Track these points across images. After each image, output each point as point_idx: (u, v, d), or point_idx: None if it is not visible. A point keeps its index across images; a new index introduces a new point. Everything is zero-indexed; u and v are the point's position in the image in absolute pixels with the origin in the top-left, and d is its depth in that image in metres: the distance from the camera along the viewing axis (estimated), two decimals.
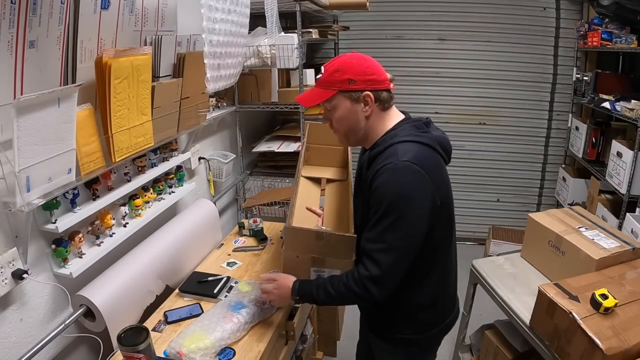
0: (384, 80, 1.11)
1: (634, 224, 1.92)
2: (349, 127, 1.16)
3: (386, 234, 1.04)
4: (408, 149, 1.06)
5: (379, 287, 1.07)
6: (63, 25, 1.11)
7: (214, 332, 1.27)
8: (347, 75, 1.09)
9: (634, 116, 2.17)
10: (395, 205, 1.02)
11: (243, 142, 2.58)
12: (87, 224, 1.35)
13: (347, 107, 1.12)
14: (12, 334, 1.17)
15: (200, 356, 1.20)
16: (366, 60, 1.11)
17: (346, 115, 1.13)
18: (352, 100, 1.11)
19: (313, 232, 1.19)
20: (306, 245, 1.21)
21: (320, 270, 1.23)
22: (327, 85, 1.12)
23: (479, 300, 1.93)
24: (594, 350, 1.15)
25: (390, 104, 1.16)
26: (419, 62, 3.33)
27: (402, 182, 1.03)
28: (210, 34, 1.48)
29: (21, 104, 0.93)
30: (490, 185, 3.50)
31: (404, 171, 1.03)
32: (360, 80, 1.09)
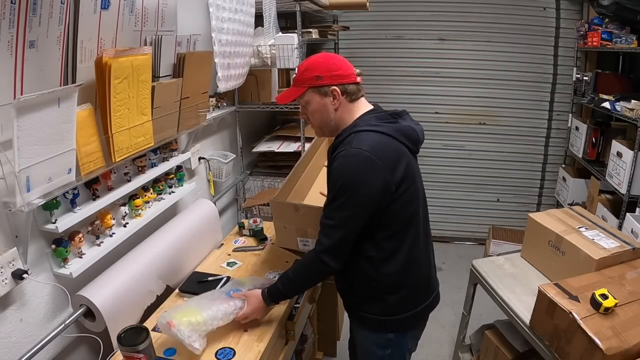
0: (349, 75, 1.22)
1: (634, 224, 1.92)
2: (321, 119, 1.26)
3: (336, 212, 1.17)
4: (364, 137, 1.16)
5: (332, 257, 1.19)
6: (63, 25, 1.11)
7: (207, 310, 1.27)
8: (315, 72, 1.20)
9: (634, 116, 2.17)
10: (344, 188, 1.14)
11: (243, 142, 2.58)
12: (87, 224, 1.35)
13: (317, 101, 1.23)
14: (12, 334, 1.17)
15: (190, 331, 1.20)
16: (332, 58, 1.23)
17: (317, 108, 1.24)
18: (321, 94, 1.21)
19: (291, 205, 1.45)
20: (289, 217, 1.44)
21: (305, 239, 1.48)
22: (299, 83, 1.24)
23: (479, 300, 1.93)
24: (594, 350, 1.15)
25: (358, 95, 1.25)
26: (419, 62, 3.33)
27: (351, 168, 1.13)
28: (220, 33, 1.49)
29: (21, 104, 0.93)
30: (490, 185, 3.50)
31: (355, 157, 1.13)
32: (327, 76, 1.20)
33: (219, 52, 1.49)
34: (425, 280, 1.33)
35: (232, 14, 1.58)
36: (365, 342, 1.37)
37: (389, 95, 3.37)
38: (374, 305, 1.29)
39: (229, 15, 1.55)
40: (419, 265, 1.29)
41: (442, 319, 2.56)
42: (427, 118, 3.40)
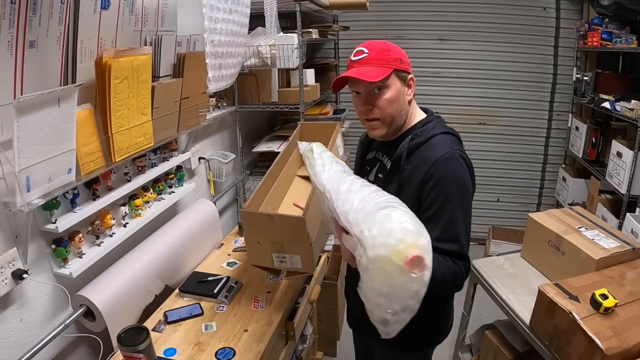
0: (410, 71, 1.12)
1: (634, 224, 1.92)
2: (397, 110, 1.08)
3: (462, 226, 1.05)
4: (452, 140, 1.09)
5: (468, 268, 1.09)
6: (63, 25, 1.11)
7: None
8: (397, 54, 1.06)
9: (634, 116, 2.17)
10: (460, 196, 1.04)
11: (243, 142, 2.58)
12: (87, 224, 1.35)
13: (398, 88, 1.07)
14: (12, 334, 1.17)
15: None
16: (397, 47, 1.11)
17: (397, 96, 1.07)
18: (402, 80, 1.07)
19: (264, 215, 1.19)
20: (262, 230, 1.21)
21: (281, 256, 1.23)
22: (383, 62, 1.04)
23: (479, 300, 1.93)
24: (594, 350, 1.15)
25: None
26: (419, 62, 3.33)
27: (461, 172, 1.05)
28: (212, 34, 1.48)
29: (21, 104, 0.93)
30: (490, 185, 3.50)
31: (459, 161, 1.05)
32: (407, 62, 1.08)
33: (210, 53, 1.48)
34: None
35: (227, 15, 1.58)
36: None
37: None
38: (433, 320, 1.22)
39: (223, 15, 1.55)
40: None
41: None
42: None
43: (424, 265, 0.73)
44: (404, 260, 0.71)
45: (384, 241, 0.73)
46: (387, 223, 0.76)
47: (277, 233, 1.19)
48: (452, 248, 1.03)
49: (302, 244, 1.19)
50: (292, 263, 1.25)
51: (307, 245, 1.18)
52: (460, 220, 1.04)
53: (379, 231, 0.75)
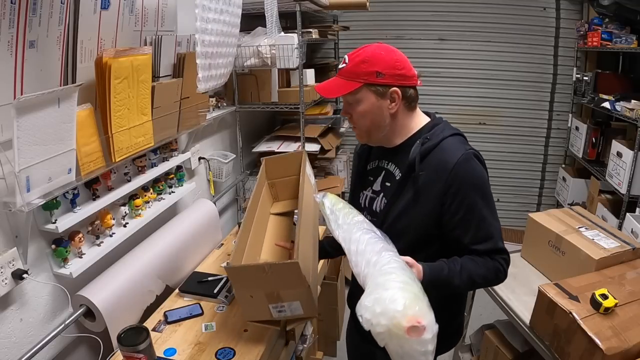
0: (412, 76, 1.05)
1: (634, 224, 1.92)
2: (372, 124, 1.08)
3: (494, 224, 1.08)
4: (463, 140, 1.09)
5: (508, 259, 1.12)
6: (63, 25, 1.11)
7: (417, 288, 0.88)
8: (375, 67, 1.01)
9: (634, 116, 2.17)
10: (485, 194, 1.06)
11: (243, 142, 2.58)
12: (87, 224, 1.35)
13: (371, 102, 1.04)
14: (12, 334, 1.17)
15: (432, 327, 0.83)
16: (395, 53, 1.05)
17: (370, 110, 1.05)
18: (378, 95, 1.03)
19: (254, 267, 1.12)
20: (254, 282, 1.12)
21: (279, 305, 1.15)
22: (352, 76, 1.03)
23: (479, 300, 1.93)
24: (594, 350, 1.15)
25: (415, 103, 1.10)
26: (419, 62, 3.32)
27: (481, 172, 1.06)
28: (203, 34, 1.48)
29: (21, 104, 0.93)
30: (491, 185, 3.49)
31: (476, 161, 1.05)
32: (389, 75, 1.02)
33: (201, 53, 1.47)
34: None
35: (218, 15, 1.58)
36: None
37: None
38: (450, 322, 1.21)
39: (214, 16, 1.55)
40: None
41: None
42: None
43: (422, 329, 0.79)
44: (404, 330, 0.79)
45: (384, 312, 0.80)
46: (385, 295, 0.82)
47: (271, 283, 1.10)
48: (488, 247, 1.06)
49: (299, 289, 1.11)
50: (292, 310, 1.16)
51: (305, 288, 1.10)
52: (489, 218, 1.06)
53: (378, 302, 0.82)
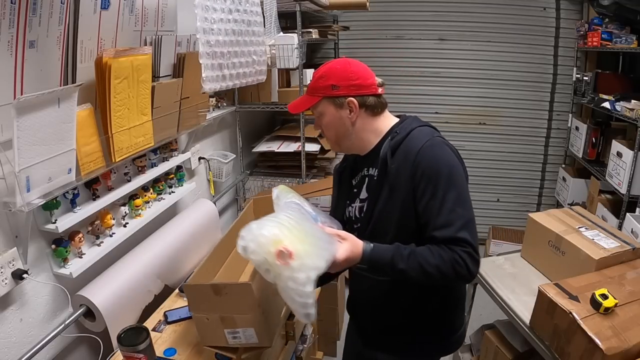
0: (369, 85, 1.09)
1: (634, 224, 1.92)
2: (337, 133, 1.13)
3: (457, 210, 1.00)
4: (432, 130, 1.10)
5: (475, 264, 1.00)
6: (63, 25, 1.11)
7: (324, 251, 0.92)
8: (330, 81, 1.07)
9: (634, 116, 2.17)
10: (451, 178, 1.01)
11: (243, 142, 2.58)
12: (87, 224, 1.35)
13: (332, 113, 1.10)
14: (12, 334, 1.17)
15: (312, 279, 0.85)
16: (351, 65, 1.09)
17: (332, 121, 1.11)
18: (337, 106, 1.08)
19: (208, 287, 1.11)
20: (209, 305, 1.12)
21: (234, 331, 1.15)
22: (313, 91, 1.11)
23: (479, 300, 1.93)
24: (594, 350, 1.15)
25: (381, 109, 1.13)
26: (419, 62, 3.33)
27: (448, 156, 1.04)
28: (207, 35, 1.48)
29: (21, 104, 0.93)
30: (490, 185, 3.50)
31: (442, 146, 1.05)
32: (344, 86, 1.07)
33: (205, 54, 1.47)
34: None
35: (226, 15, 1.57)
36: None
37: (389, 96, 3.31)
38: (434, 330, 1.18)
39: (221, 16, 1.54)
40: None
41: None
42: (427, 118, 3.31)
43: (288, 254, 0.83)
44: (273, 255, 0.83)
45: (254, 238, 0.86)
46: (255, 225, 0.89)
47: (225, 305, 1.10)
48: (446, 234, 0.99)
49: (251, 314, 1.11)
50: (247, 337, 1.16)
51: (258, 314, 1.10)
52: (451, 204, 1.00)
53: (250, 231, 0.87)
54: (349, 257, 0.98)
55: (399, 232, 1.07)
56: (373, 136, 1.13)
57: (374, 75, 1.11)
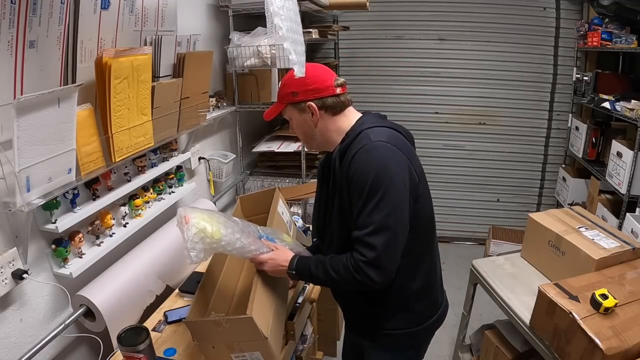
0: (326, 88, 1.14)
1: (634, 224, 1.92)
2: (304, 134, 1.22)
3: (374, 215, 1.03)
4: (378, 132, 1.10)
5: (378, 271, 1.03)
6: (63, 25, 1.11)
7: (230, 233, 1.13)
8: (290, 88, 1.16)
9: (634, 116, 2.17)
10: (376, 183, 1.02)
11: (243, 142, 2.58)
12: (87, 224, 1.35)
13: (297, 118, 1.19)
14: (12, 334, 1.17)
15: (198, 237, 1.08)
16: (308, 71, 1.16)
17: (298, 124, 1.20)
18: (299, 110, 1.17)
19: (210, 322, 1.15)
20: (213, 336, 1.16)
21: (241, 355, 1.18)
22: (279, 99, 1.21)
23: (479, 300, 1.93)
24: (594, 350, 1.15)
25: (341, 108, 1.17)
26: (419, 62, 3.33)
27: (379, 160, 1.04)
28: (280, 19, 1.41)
29: (21, 104, 0.93)
30: (490, 185, 3.50)
31: (378, 149, 1.05)
32: (302, 92, 1.15)
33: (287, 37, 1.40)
34: (441, 284, 1.31)
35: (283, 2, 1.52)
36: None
37: (389, 95, 3.37)
38: (399, 318, 1.20)
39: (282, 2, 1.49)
40: (438, 267, 1.28)
41: None
42: (427, 118, 3.39)
43: (186, 220, 1.10)
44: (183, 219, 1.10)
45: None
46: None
47: (229, 335, 1.14)
48: (358, 234, 1.05)
49: (257, 340, 1.14)
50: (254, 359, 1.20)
51: (262, 341, 1.13)
52: (371, 209, 1.03)
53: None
54: (274, 258, 1.19)
55: (340, 232, 1.16)
56: (336, 135, 1.18)
57: (332, 77, 1.16)
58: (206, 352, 1.22)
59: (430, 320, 1.23)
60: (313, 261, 1.17)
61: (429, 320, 1.23)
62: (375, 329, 1.23)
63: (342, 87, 1.17)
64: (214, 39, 2.22)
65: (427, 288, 1.22)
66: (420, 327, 1.22)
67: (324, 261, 1.13)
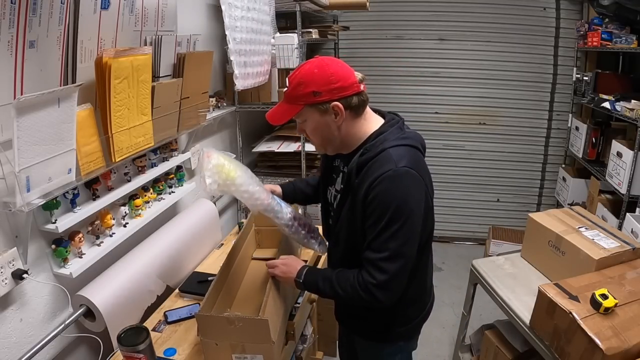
0: (351, 85, 1.04)
1: (634, 224, 1.92)
2: (323, 138, 1.12)
3: (391, 242, 1.03)
4: (402, 153, 1.04)
5: (386, 293, 1.06)
6: (63, 25, 1.11)
7: (246, 181, 1.18)
8: (310, 87, 1.02)
9: (634, 116, 2.17)
10: (398, 213, 1.01)
11: (243, 142, 2.58)
12: (87, 224, 1.35)
13: (316, 120, 1.07)
14: (12, 334, 1.17)
15: (218, 171, 1.13)
16: (329, 67, 1.03)
17: (318, 127, 1.08)
18: (321, 112, 1.05)
19: (224, 319, 1.15)
20: (221, 333, 1.16)
21: (242, 356, 1.19)
22: (293, 100, 1.06)
23: (479, 300, 1.93)
24: (594, 350, 1.15)
25: (363, 108, 1.09)
26: (419, 62, 3.33)
27: (403, 190, 1.02)
28: (234, 32, 1.46)
29: (21, 104, 0.93)
30: (490, 185, 3.50)
31: (404, 178, 1.02)
32: (326, 91, 1.02)
33: (234, 50, 1.44)
34: (431, 284, 1.33)
35: (245, 12, 1.56)
36: (374, 356, 1.33)
37: (389, 95, 3.37)
38: (389, 322, 1.23)
39: (242, 13, 1.53)
40: (429, 273, 1.29)
41: (442, 319, 2.56)
42: (427, 118, 3.40)
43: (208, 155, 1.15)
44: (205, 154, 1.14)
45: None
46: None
47: (238, 335, 1.15)
48: (371, 256, 1.05)
49: (264, 344, 1.16)
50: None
51: (269, 345, 1.15)
52: (389, 236, 1.03)
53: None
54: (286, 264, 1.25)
55: (348, 239, 1.15)
56: (355, 140, 1.12)
57: (353, 72, 1.06)
58: (207, 349, 1.21)
59: (417, 319, 1.28)
60: (321, 276, 1.17)
61: (417, 319, 1.28)
62: (365, 327, 1.28)
63: (362, 83, 1.07)
64: (214, 39, 2.22)
65: (419, 294, 1.25)
66: (408, 326, 1.26)
67: (331, 277, 1.14)
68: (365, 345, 1.33)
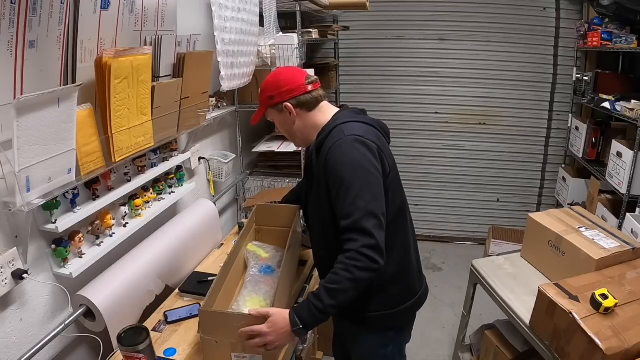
0: (298, 87, 1.23)
1: (634, 224, 1.92)
2: (287, 132, 1.33)
3: (358, 201, 1.07)
4: (352, 126, 1.17)
5: (377, 251, 1.06)
6: (63, 25, 1.11)
7: (264, 294, 1.35)
8: (267, 93, 1.27)
9: (634, 116, 2.17)
10: (354, 173, 1.09)
11: (243, 142, 2.58)
12: (87, 224, 1.35)
13: (278, 118, 1.30)
14: (12, 334, 1.17)
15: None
16: (280, 74, 1.27)
17: (281, 124, 1.32)
18: (279, 111, 1.27)
19: (227, 315, 1.16)
20: (223, 330, 1.14)
21: (241, 355, 1.17)
22: (261, 103, 1.32)
23: (479, 300, 1.93)
24: (594, 350, 1.15)
25: (316, 103, 1.26)
26: (419, 62, 3.33)
27: (354, 153, 1.11)
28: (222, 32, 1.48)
29: (21, 104, 0.93)
30: (490, 185, 3.50)
31: (352, 143, 1.12)
32: (277, 94, 1.25)
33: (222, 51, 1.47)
34: (418, 268, 1.37)
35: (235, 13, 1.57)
36: (364, 346, 1.35)
37: (389, 95, 3.37)
38: (377, 300, 1.25)
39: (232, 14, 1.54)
40: (411, 253, 1.32)
41: (442, 319, 2.56)
42: (427, 118, 3.40)
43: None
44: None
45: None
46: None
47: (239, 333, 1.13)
48: (346, 224, 1.09)
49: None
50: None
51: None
52: (354, 198, 1.08)
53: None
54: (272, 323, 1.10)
55: (321, 225, 1.24)
56: (314, 130, 1.26)
57: (303, 76, 1.25)
58: (207, 347, 1.21)
59: (406, 304, 1.29)
60: (310, 299, 1.10)
61: (406, 304, 1.29)
62: (354, 312, 1.28)
63: (313, 84, 1.26)
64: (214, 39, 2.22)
65: (401, 273, 1.28)
66: (396, 310, 1.28)
67: (319, 289, 1.09)
68: (359, 339, 1.35)
